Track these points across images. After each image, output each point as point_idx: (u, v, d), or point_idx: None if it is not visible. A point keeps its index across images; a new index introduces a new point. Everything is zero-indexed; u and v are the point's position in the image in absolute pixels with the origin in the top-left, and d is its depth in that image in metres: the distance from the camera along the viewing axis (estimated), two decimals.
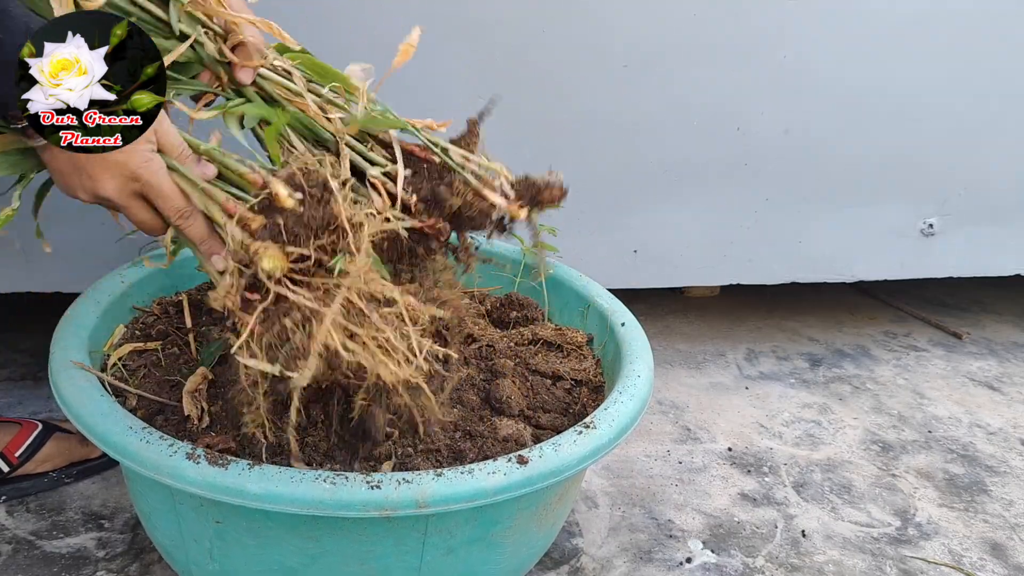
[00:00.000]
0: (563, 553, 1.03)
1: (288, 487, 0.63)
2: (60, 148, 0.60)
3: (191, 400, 0.77)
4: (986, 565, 1.08)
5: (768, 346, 1.67)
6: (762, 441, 1.33)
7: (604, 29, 1.27)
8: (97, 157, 0.61)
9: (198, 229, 0.66)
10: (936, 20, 1.37)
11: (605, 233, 1.43)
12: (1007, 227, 1.59)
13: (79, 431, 0.71)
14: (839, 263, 1.56)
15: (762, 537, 1.10)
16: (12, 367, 1.34)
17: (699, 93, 1.35)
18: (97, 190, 0.63)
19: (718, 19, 1.30)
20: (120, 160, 0.62)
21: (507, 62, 1.26)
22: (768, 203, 1.46)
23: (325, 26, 1.18)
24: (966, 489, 1.25)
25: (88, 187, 0.63)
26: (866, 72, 1.39)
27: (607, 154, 1.37)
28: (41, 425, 1.06)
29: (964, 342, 1.77)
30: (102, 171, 0.62)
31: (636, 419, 0.80)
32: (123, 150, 0.61)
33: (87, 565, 0.94)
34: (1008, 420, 1.46)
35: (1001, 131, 1.49)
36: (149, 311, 0.95)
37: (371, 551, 0.70)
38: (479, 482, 0.67)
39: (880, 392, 1.53)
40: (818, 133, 1.42)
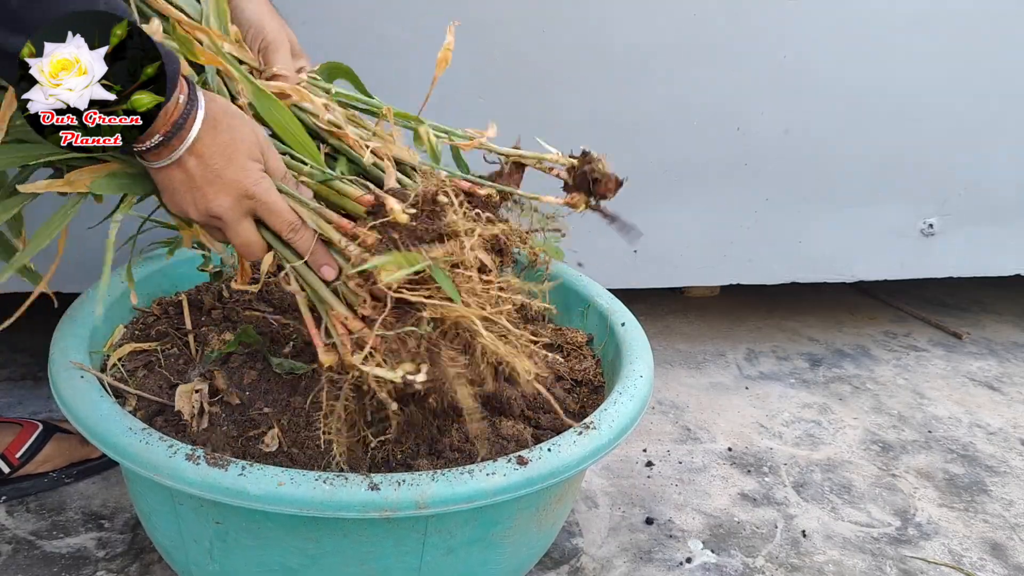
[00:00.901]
0: (563, 553, 1.03)
1: (288, 488, 0.63)
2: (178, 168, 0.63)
3: (186, 399, 0.77)
4: (986, 565, 1.08)
5: (768, 346, 1.67)
6: (762, 441, 1.33)
7: (604, 29, 1.27)
8: (213, 176, 0.64)
9: (307, 242, 0.69)
10: (936, 20, 1.37)
11: (605, 233, 1.43)
12: (1007, 227, 1.59)
13: (79, 431, 0.71)
14: (839, 263, 1.55)
15: (762, 537, 1.10)
16: (12, 367, 1.34)
17: (699, 93, 1.35)
18: (211, 208, 0.65)
19: (718, 19, 1.30)
20: (236, 179, 0.65)
21: (507, 62, 1.26)
22: (768, 203, 1.46)
23: (327, 24, 1.18)
24: (966, 489, 1.25)
25: (202, 205, 0.65)
26: (866, 72, 1.39)
27: (607, 154, 1.37)
28: (42, 426, 1.06)
29: (964, 342, 1.77)
30: (218, 189, 0.65)
31: (636, 419, 0.80)
32: (238, 169, 0.65)
33: (87, 565, 0.94)
34: (1008, 420, 1.46)
35: (1001, 131, 1.49)
36: (149, 311, 0.95)
37: (371, 552, 0.70)
38: (479, 483, 0.67)
39: (880, 392, 1.53)
40: (818, 133, 1.42)
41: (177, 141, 0.62)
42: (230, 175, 0.65)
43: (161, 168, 0.64)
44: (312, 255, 0.69)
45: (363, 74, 1.25)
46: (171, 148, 0.63)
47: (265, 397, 0.79)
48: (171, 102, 0.61)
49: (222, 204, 0.65)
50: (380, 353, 0.63)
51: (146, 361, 0.85)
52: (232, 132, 0.65)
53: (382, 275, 0.62)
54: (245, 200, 0.66)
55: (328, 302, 0.68)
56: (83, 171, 0.66)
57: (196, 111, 0.63)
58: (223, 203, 0.66)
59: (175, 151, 0.63)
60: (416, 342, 0.63)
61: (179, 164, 0.64)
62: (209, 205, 0.65)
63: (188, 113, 0.62)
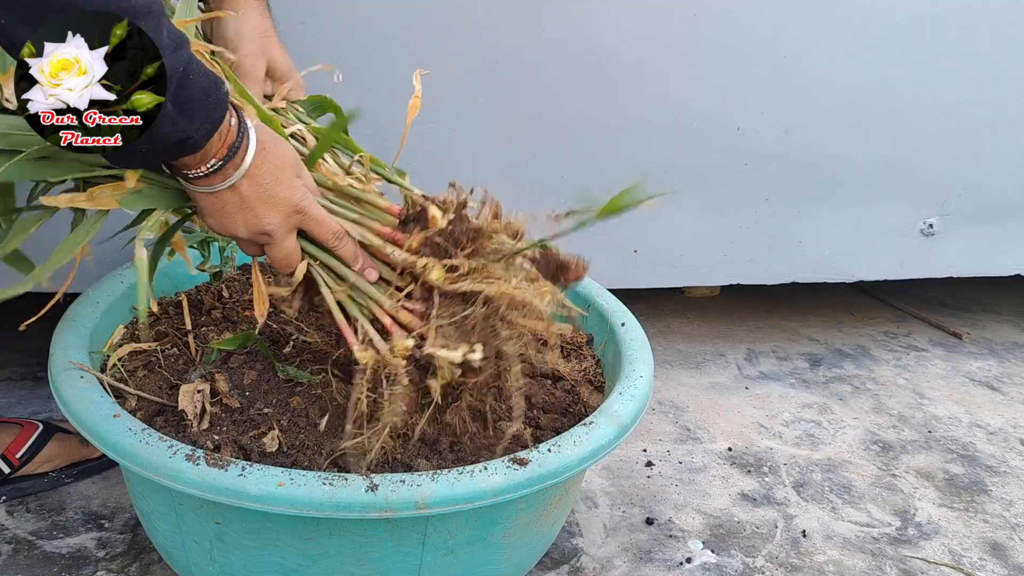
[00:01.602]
0: (563, 553, 1.03)
1: (287, 488, 0.63)
2: (232, 192, 0.66)
3: (189, 399, 0.77)
4: (986, 565, 1.08)
5: (768, 346, 1.67)
6: (762, 441, 1.33)
7: (604, 29, 1.27)
8: (266, 195, 0.67)
9: (350, 248, 0.73)
10: (936, 20, 1.37)
11: (605, 233, 1.43)
12: (1007, 227, 1.59)
13: (79, 431, 0.71)
14: (839, 263, 1.55)
15: (762, 537, 1.10)
16: (12, 367, 1.34)
17: (699, 93, 1.35)
18: (261, 225, 0.68)
19: (718, 19, 1.30)
20: (287, 196, 0.68)
21: (507, 62, 1.26)
22: (768, 203, 1.46)
23: (323, 24, 1.18)
24: (966, 489, 1.25)
25: (253, 224, 0.68)
26: (866, 72, 1.39)
27: (607, 154, 1.37)
28: (42, 426, 1.06)
29: (964, 342, 1.77)
30: (270, 208, 0.68)
31: (636, 419, 0.80)
32: (286, 187, 0.68)
33: (87, 565, 0.94)
34: (1008, 420, 1.46)
35: (1000, 131, 1.49)
36: (149, 311, 0.95)
37: (371, 552, 0.70)
38: (479, 483, 0.67)
39: (880, 392, 1.53)
40: (818, 133, 1.42)
41: (232, 167, 0.64)
42: (281, 193, 0.68)
43: (214, 192, 0.66)
44: (355, 260, 0.74)
45: (359, 73, 1.25)
46: (225, 174, 0.65)
47: (265, 398, 0.79)
48: (225, 124, 0.62)
49: (273, 221, 0.68)
50: (435, 339, 0.69)
51: (146, 361, 0.85)
52: (278, 151, 0.68)
53: (433, 274, 0.70)
54: (294, 215, 0.69)
55: (376, 298, 0.73)
56: (105, 187, 0.68)
57: (248, 134, 0.65)
58: (274, 220, 0.68)
59: (230, 177, 0.65)
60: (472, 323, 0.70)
61: (234, 188, 0.66)
62: (261, 222, 0.68)
63: (241, 137, 0.64)
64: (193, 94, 0.59)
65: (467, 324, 0.70)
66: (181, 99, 0.58)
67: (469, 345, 0.70)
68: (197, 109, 0.59)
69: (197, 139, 0.60)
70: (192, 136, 0.60)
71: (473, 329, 0.70)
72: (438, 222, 0.72)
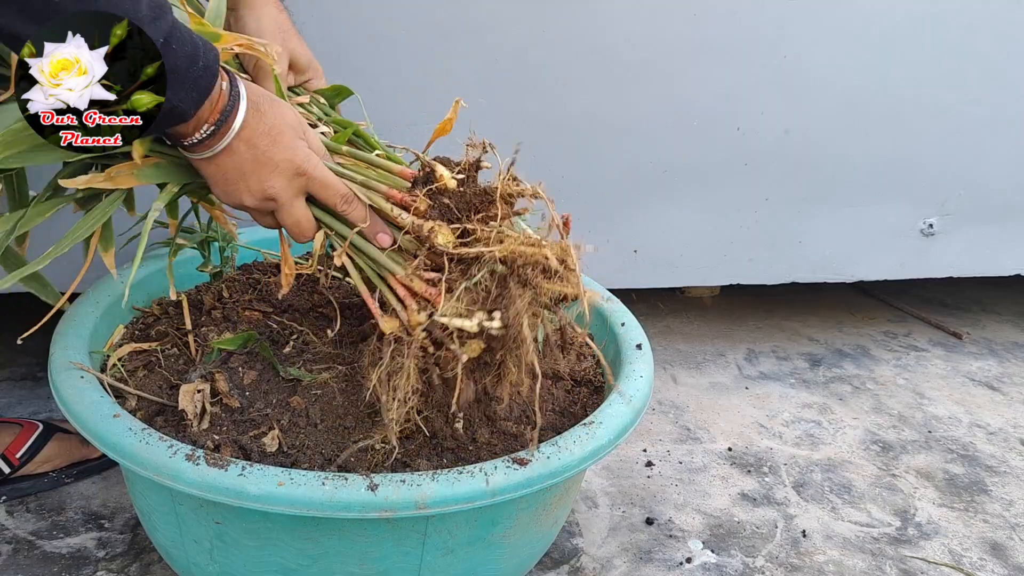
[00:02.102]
0: (563, 553, 1.03)
1: (287, 488, 0.63)
2: (228, 155, 0.65)
3: (189, 399, 0.77)
4: (986, 565, 1.08)
5: (768, 346, 1.67)
6: (762, 441, 1.33)
7: (605, 29, 1.27)
8: (264, 158, 0.65)
9: (360, 211, 0.71)
10: (936, 20, 1.37)
11: (605, 233, 1.43)
12: (1007, 227, 1.59)
13: (79, 431, 0.71)
14: (839, 263, 1.55)
15: (762, 537, 1.10)
16: (12, 367, 1.34)
17: (699, 93, 1.35)
18: (266, 190, 0.67)
19: (718, 19, 1.30)
20: (287, 157, 0.66)
21: (508, 62, 1.26)
22: (768, 203, 1.46)
23: (325, 24, 1.18)
24: (966, 489, 1.25)
25: (256, 189, 0.67)
26: (866, 72, 1.39)
27: (607, 154, 1.37)
28: (42, 426, 1.06)
29: (964, 342, 1.77)
30: (271, 171, 0.66)
31: (636, 419, 0.80)
32: (286, 148, 0.66)
33: (87, 565, 0.94)
34: (1008, 420, 1.46)
35: (1000, 131, 1.49)
36: (149, 311, 0.95)
37: (371, 552, 0.70)
38: (479, 483, 0.67)
39: (880, 392, 1.53)
40: (818, 133, 1.42)
41: (225, 128, 0.63)
42: (280, 155, 0.66)
43: (211, 158, 0.65)
44: (367, 224, 0.71)
45: (360, 73, 1.25)
46: (220, 136, 0.63)
47: (265, 397, 0.79)
48: (215, 90, 0.62)
49: (276, 184, 0.67)
50: (448, 307, 0.66)
51: (146, 361, 0.85)
52: (275, 113, 0.67)
53: (439, 238, 0.67)
54: (298, 178, 0.68)
55: (389, 268, 0.70)
56: (122, 166, 0.67)
57: (240, 97, 0.64)
58: (277, 183, 0.67)
59: (223, 138, 0.64)
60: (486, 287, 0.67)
61: (228, 151, 0.65)
62: (264, 186, 0.67)
63: (233, 100, 0.63)
64: (177, 63, 0.58)
65: (482, 289, 0.66)
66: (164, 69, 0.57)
67: (486, 312, 0.66)
68: (182, 78, 0.59)
69: (185, 108, 0.60)
70: (179, 105, 0.59)
71: (489, 296, 0.66)
72: (447, 182, 0.70)
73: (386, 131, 0.97)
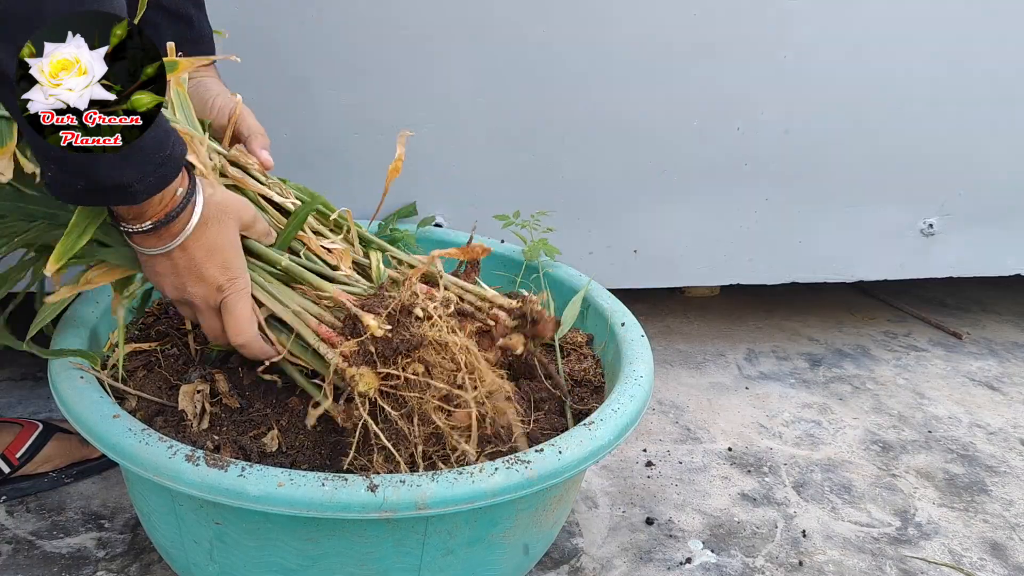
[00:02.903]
0: (563, 553, 1.03)
1: (287, 489, 0.63)
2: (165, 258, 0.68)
3: (189, 399, 0.77)
4: (986, 565, 1.08)
5: (768, 346, 1.67)
6: (762, 441, 1.33)
7: (605, 29, 1.27)
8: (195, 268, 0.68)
9: (255, 351, 0.73)
10: (936, 20, 1.37)
11: (605, 233, 1.43)
12: (1007, 227, 1.59)
13: (79, 432, 0.71)
14: (839, 263, 1.55)
15: (762, 537, 1.10)
16: (12, 367, 1.34)
17: (699, 93, 1.35)
18: (185, 296, 0.70)
19: (718, 19, 1.30)
20: (214, 276, 0.69)
21: (507, 62, 1.26)
22: (768, 203, 1.46)
23: (327, 23, 1.18)
24: (966, 489, 1.25)
25: (179, 290, 0.70)
26: (866, 72, 1.39)
27: (607, 154, 1.37)
28: (42, 426, 1.06)
29: (964, 342, 1.77)
30: (195, 281, 0.69)
31: (636, 419, 0.80)
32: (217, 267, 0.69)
33: (87, 565, 0.94)
34: (1008, 420, 1.46)
35: (1001, 131, 1.49)
36: (149, 311, 0.95)
37: (371, 553, 0.70)
38: (479, 484, 0.67)
39: (880, 392, 1.53)
40: (818, 133, 1.42)
41: (167, 235, 0.66)
42: (209, 272, 0.69)
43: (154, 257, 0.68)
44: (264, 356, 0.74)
45: (361, 72, 1.25)
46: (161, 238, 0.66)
47: (265, 397, 0.79)
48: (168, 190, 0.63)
49: (196, 293, 0.70)
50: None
51: (146, 361, 0.85)
52: (219, 227, 0.69)
53: (360, 386, 0.68)
54: (216, 294, 0.70)
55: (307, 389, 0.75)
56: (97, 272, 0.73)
57: (193, 208, 0.66)
58: (197, 292, 0.70)
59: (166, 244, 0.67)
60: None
61: (167, 255, 0.67)
62: (184, 293, 0.70)
63: (183, 207, 0.65)
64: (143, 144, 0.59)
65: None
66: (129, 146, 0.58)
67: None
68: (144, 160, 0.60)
69: (137, 190, 0.61)
70: (133, 185, 0.60)
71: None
72: (374, 331, 0.70)
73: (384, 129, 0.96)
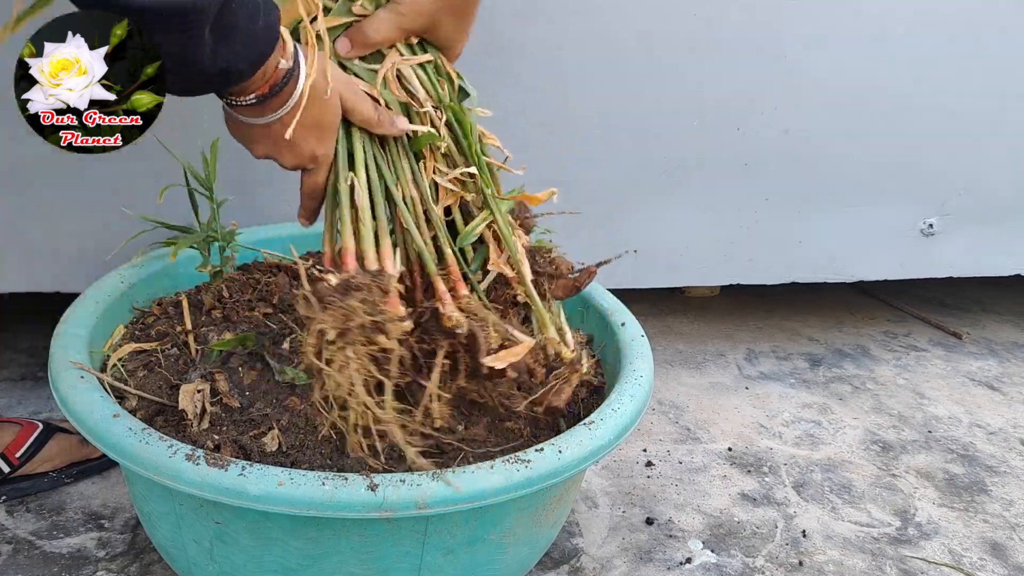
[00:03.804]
0: (563, 553, 1.03)
1: (288, 488, 0.63)
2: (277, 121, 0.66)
3: (189, 399, 0.77)
4: (986, 565, 1.08)
5: (768, 346, 1.67)
6: (762, 441, 1.33)
7: (605, 29, 1.27)
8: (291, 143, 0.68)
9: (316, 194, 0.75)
10: (936, 20, 1.37)
11: (605, 233, 1.43)
12: (1007, 227, 1.59)
13: (79, 431, 0.71)
14: (839, 263, 1.55)
15: (762, 537, 1.10)
16: (12, 367, 1.34)
17: (699, 93, 1.35)
18: (274, 157, 0.70)
19: (718, 19, 1.30)
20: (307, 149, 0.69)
21: (507, 62, 1.26)
22: (768, 203, 1.46)
23: None
24: (966, 489, 1.25)
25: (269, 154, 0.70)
26: (866, 72, 1.39)
27: (607, 154, 1.37)
28: (42, 425, 1.06)
29: (964, 342, 1.77)
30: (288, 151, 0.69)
31: (636, 419, 0.80)
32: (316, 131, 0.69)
33: (87, 565, 0.94)
34: (1008, 420, 1.46)
35: (1000, 131, 1.49)
36: (149, 311, 0.95)
37: (371, 552, 0.70)
38: (479, 483, 0.67)
39: (880, 392, 1.53)
40: (818, 133, 1.42)
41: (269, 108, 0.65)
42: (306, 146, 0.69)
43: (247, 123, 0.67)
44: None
45: None
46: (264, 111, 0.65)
47: (265, 397, 0.79)
48: (270, 64, 0.62)
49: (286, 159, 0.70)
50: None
51: (146, 361, 0.85)
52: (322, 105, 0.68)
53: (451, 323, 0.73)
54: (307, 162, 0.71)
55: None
56: None
57: (296, 82, 0.65)
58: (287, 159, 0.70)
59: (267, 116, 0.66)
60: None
61: (266, 126, 0.67)
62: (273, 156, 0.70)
63: (285, 81, 0.64)
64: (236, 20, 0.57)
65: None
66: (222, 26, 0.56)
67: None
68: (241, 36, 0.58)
69: (242, 69, 0.60)
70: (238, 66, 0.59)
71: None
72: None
73: None
